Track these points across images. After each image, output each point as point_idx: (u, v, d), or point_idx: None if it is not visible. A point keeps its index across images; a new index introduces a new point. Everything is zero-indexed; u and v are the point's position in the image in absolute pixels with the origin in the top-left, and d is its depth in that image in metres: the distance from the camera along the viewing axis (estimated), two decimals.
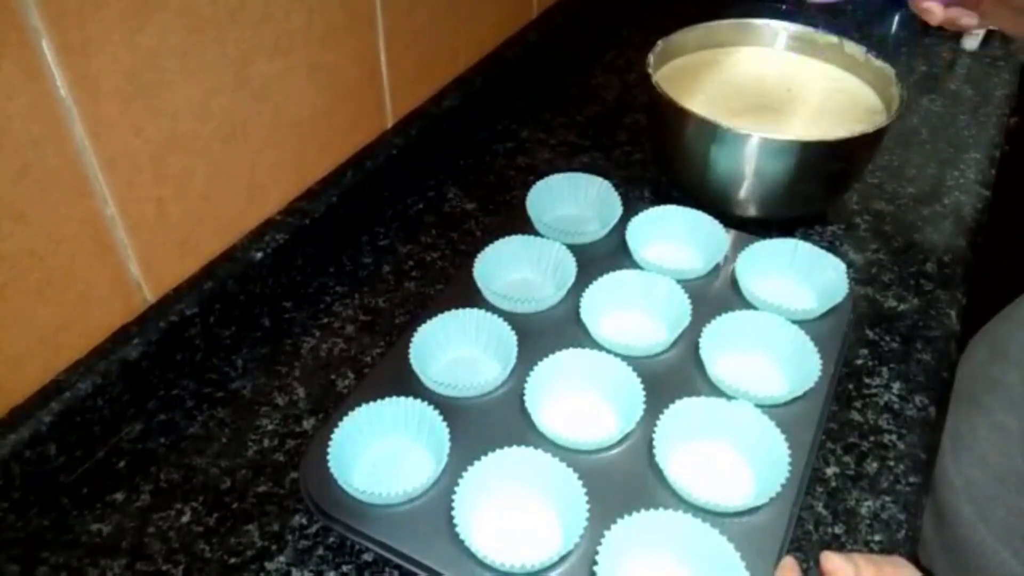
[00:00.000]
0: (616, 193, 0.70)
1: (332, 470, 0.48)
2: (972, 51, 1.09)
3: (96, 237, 0.54)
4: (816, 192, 0.75)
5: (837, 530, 0.53)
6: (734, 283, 0.63)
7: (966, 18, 0.63)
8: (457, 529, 0.45)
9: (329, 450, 0.49)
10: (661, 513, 0.47)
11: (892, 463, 0.58)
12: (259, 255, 0.65)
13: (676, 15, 0.91)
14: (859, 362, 0.65)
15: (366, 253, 0.75)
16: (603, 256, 0.65)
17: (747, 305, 0.62)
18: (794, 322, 0.58)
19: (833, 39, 0.84)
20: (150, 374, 0.59)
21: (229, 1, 0.56)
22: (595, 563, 0.44)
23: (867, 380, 0.64)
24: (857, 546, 0.52)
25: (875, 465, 0.57)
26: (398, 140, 0.79)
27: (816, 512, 0.54)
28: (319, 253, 0.72)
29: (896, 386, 0.63)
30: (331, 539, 0.52)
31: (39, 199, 0.49)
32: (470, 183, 0.84)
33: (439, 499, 0.48)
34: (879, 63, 0.79)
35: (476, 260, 0.62)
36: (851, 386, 0.63)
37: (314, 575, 0.50)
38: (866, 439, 0.59)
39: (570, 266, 0.63)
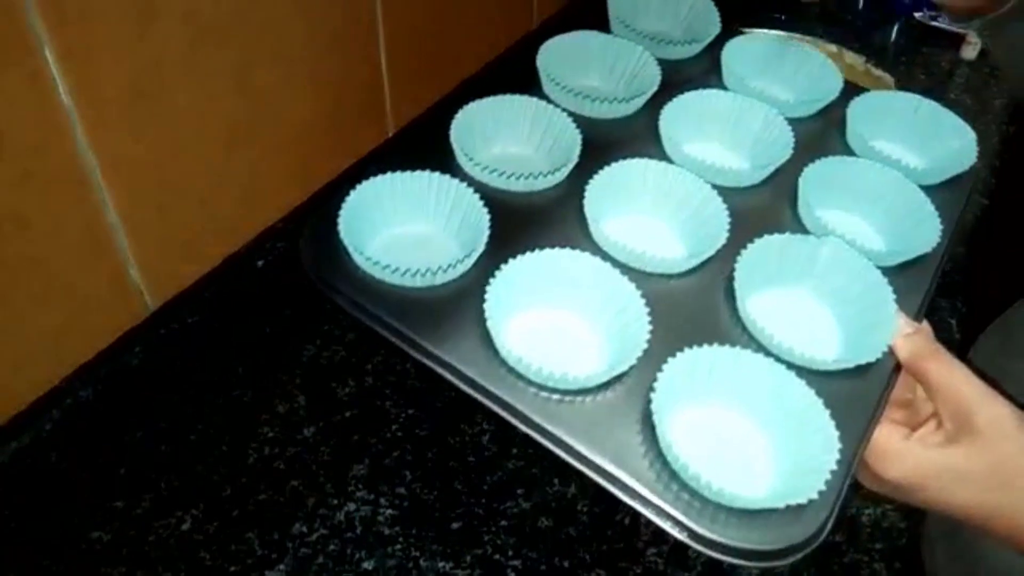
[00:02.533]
0: (716, 9, 0.60)
1: (342, 235, 0.40)
2: (971, 60, 1.09)
3: (97, 243, 0.54)
4: None
5: (838, 538, 0.53)
6: (842, 132, 0.55)
7: None
8: (488, 325, 0.38)
9: (341, 214, 0.41)
10: (738, 352, 0.39)
11: None
12: (260, 262, 0.65)
13: None
14: None
15: None
16: (691, 78, 0.55)
17: (850, 154, 0.54)
18: None
19: (832, 48, 0.84)
20: (151, 381, 0.59)
21: (231, 8, 0.56)
22: (652, 390, 0.38)
23: None
24: (858, 554, 0.52)
25: None
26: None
27: None
28: None
29: None
30: (331, 547, 0.52)
31: (41, 205, 0.49)
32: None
33: (468, 294, 0.40)
34: (879, 72, 0.80)
35: (541, 50, 0.53)
36: None
37: None
38: None
39: (652, 75, 0.53)
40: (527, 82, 0.51)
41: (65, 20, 0.46)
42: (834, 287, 0.46)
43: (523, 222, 0.45)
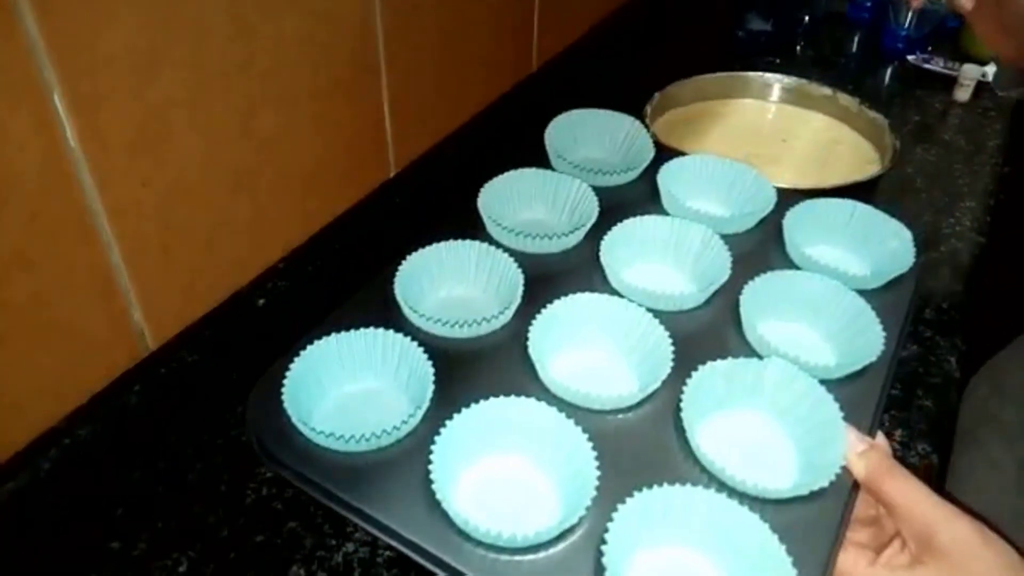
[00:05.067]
0: (648, 135, 0.62)
1: (286, 406, 0.40)
2: (964, 102, 1.11)
3: (101, 284, 0.54)
4: None
5: None
6: (781, 243, 0.56)
7: None
8: (434, 487, 0.37)
9: (285, 383, 0.41)
10: (689, 490, 0.38)
11: None
12: (262, 301, 0.66)
13: (672, 68, 0.93)
14: None
15: None
16: (630, 203, 0.57)
17: (795, 268, 0.55)
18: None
19: (827, 91, 0.86)
20: (150, 421, 0.59)
21: (237, 55, 0.58)
22: (603, 542, 0.36)
23: None
24: None
25: None
26: (401, 188, 0.80)
27: None
28: (322, 300, 0.73)
29: (898, 433, 0.63)
30: None
31: (46, 247, 0.50)
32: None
33: (415, 452, 0.40)
34: (873, 114, 0.81)
35: (481, 191, 0.54)
36: None
37: None
38: None
39: (591, 206, 0.55)
40: (473, 223, 0.53)
41: (75, 67, 0.47)
42: (784, 407, 0.45)
43: (471, 369, 0.45)
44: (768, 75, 0.89)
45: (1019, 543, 0.55)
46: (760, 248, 0.56)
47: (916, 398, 0.66)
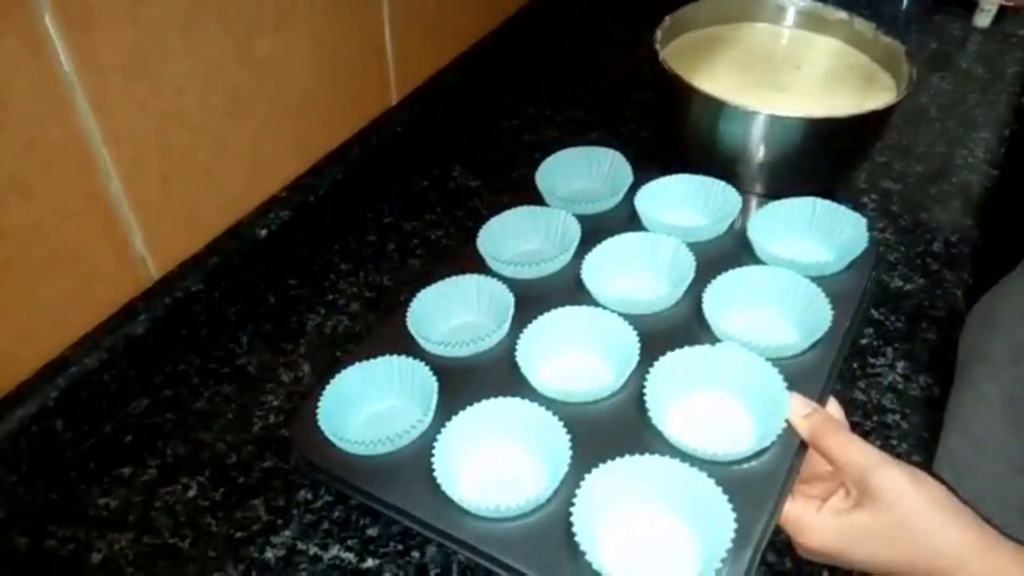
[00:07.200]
0: (628, 164, 0.69)
1: (321, 424, 0.48)
2: (984, 28, 1.07)
3: (101, 212, 0.54)
4: (824, 170, 0.75)
5: None
6: (747, 244, 0.61)
7: None
8: (435, 474, 0.45)
9: (319, 407, 0.49)
10: (643, 458, 0.45)
11: (895, 442, 0.58)
12: (264, 232, 0.65)
13: None
14: (864, 341, 0.65)
15: (371, 230, 0.75)
16: (613, 225, 0.63)
17: (761, 264, 0.60)
18: (813, 279, 0.56)
19: (843, 15, 0.83)
20: (156, 350, 0.59)
21: None
22: (572, 505, 0.43)
23: (871, 359, 0.64)
24: None
25: (878, 444, 0.56)
26: (403, 116, 0.78)
27: None
28: (324, 230, 0.72)
29: (900, 365, 0.63)
30: (336, 513, 0.53)
31: (44, 174, 0.49)
32: (475, 160, 0.84)
33: (423, 450, 0.47)
34: (889, 40, 0.78)
35: (481, 231, 0.61)
36: (855, 365, 0.63)
37: (319, 548, 0.51)
38: (870, 418, 0.59)
39: (575, 231, 0.62)
40: (474, 259, 0.60)
41: None
42: (740, 384, 0.51)
43: (470, 379, 0.52)
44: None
45: (1005, 475, 0.56)
46: (733, 250, 0.62)
47: (920, 331, 0.66)
